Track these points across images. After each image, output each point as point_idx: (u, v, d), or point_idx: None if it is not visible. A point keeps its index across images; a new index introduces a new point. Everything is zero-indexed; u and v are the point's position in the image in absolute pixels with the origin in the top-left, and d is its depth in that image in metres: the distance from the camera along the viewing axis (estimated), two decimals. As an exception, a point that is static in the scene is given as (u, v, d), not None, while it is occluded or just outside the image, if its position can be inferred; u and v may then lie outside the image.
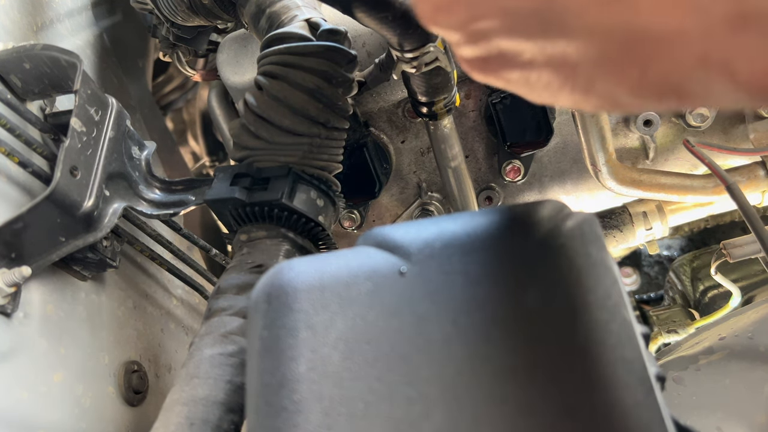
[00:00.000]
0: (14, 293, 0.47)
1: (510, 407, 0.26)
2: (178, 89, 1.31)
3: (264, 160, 0.54)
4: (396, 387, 0.26)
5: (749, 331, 0.54)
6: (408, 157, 0.80)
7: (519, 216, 0.30)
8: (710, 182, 0.73)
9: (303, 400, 0.25)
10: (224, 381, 0.41)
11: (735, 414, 0.48)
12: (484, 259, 0.29)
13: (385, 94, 0.74)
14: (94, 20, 0.80)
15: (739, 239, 0.72)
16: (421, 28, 0.52)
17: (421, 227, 0.30)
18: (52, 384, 0.49)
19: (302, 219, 0.52)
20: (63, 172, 0.47)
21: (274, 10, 0.56)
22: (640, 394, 0.27)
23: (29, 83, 0.53)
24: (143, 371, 0.61)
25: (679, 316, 0.90)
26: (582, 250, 0.30)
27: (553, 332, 0.28)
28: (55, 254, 0.49)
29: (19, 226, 0.45)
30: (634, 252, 1.33)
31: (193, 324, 0.76)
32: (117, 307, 0.61)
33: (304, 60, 0.52)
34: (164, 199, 0.58)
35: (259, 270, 0.48)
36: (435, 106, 0.65)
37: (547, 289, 0.29)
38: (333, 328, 0.27)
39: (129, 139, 0.57)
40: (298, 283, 0.28)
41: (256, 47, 0.72)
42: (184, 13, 0.61)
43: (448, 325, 0.27)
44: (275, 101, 0.53)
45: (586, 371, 0.27)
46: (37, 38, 0.64)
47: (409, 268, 0.28)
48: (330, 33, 0.54)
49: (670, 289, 1.08)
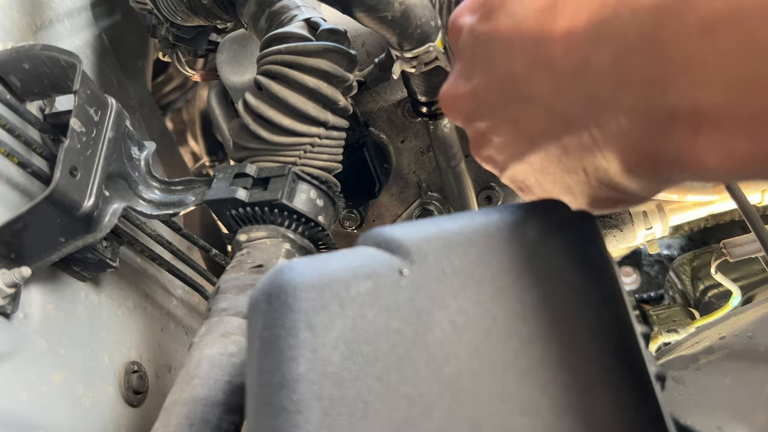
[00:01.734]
0: (14, 294, 0.47)
1: (510, 407, 0.26)
2: (177, 89, 1.31)
3: (263, 160, 0.54)
4: (396, 387, 0.26)
5: (749, 331, 0.54)
6: (408, 156, 0.80)
7: (519, 215, 0.30)
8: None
9: (303, 400, 0.25)
10: (224, 381, 0.41)
11: (735, 413, 0.48)
12: (484, 259, 0.29)
13: (385, 93, 0.74)
14: (93, 20, 0.80)
15: (739, 238, 0.72)
16: (421, 27, 0.52)
17: (421, 227, 0.30)
18: (52, 384, 0.49)
19: (302, 219, 0.52)
20: (62, 172, 0.47)
21: (273, 9, 0.56)
22: (640, 393, 0.27)
23: (28, 83, 0.53)
24: (143, 371, 0.61)
25: (679, 315, 0.90)
26: (582, 249, 0.30)
27: (552, 332, 0.28)
28: (55, 255, 0.49)
29: (18, 227, 0.45)
30: (634, 251, 1.33)
31: (193, 324, 0.76)
32: (117, 308, 0.61)
33: (304, 60, 0.52)
34: (164, 199, 0.58)
35: (258, 270, 0.48)
36: (435, 106, 0.65)
37: (547, 289, 0.29)
38: (333, 328, 0.27)
39: (128, 139, 0.57)
40: (297, 284, 0.28)
41: (255, 47, 0.72)
42: (184, 13, 0.61)
43: (448, 324, 0.27)
44: (275, 101, 0.53)
45: (586, 371, 0.27)
46: (36, 38, 0.63)
47: (409, 268, 0.28)
48: (330, 33, 0.54)
49: (670, 289, 1.08)
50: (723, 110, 0.21)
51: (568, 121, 0.28)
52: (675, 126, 0.23)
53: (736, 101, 0.21)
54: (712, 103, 0.21)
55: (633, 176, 0.27)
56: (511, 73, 0.29)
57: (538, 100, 0.29)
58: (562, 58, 0.26)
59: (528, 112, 0.29)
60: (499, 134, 0.32)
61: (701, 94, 0.22)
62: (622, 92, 0.24)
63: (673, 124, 0.23)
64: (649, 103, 0.23)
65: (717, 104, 0.21)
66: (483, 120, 0.33)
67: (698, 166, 0.23)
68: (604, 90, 0.25)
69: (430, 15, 0.52)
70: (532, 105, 0.29)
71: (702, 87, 0.21)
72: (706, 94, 0.21)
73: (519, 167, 0.33)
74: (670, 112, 0.23)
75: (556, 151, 0.29)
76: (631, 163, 0.26)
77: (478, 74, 0.32)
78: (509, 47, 0.29)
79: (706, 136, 0.22)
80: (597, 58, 0.25)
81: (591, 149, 0.27)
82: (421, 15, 0.51)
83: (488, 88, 0.31)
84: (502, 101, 0.31)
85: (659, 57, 0.22)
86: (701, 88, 0.22)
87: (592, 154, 0.28)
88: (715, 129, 0.22)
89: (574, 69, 0.26)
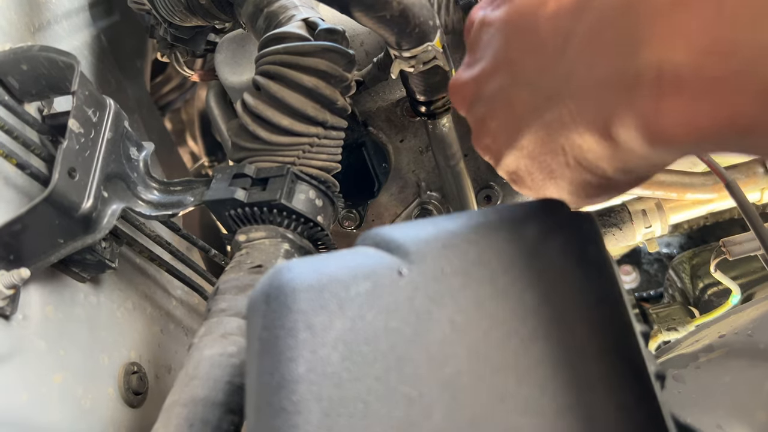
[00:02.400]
0: (13, 295, 0.47)
1: (509, 406, 0.26)
2: (176, 89, 1.31)
3: (262, 161, 0.54)
4: (395, 387, 0.26)
5: (749, 329, 0.54)
6: (407, 156, 0.80)
7: (518, 215, 0.30)
8: (709, 180, 0.73)
9: (302, 401, 0.25)
10: (224, 382, 0.41)
11: (735, 411, 0.48)
12: (483, 258, 0.29)
13: (384, 93, 0.74)
14: (91, 21, 0.80)
15: (738, 237, 0.72)
16: (419, 27, 0.52)
17: (420, 227, 0.30)
18: (52, 386, 0.49)
19: (301, 219, 0.52)
20: (61, 173, 0.47)
21: (271, 9, 0.56)
22: (640, 392, 0.27)
23: (27, 85, 0.53)
24: (143, 372, 0.61)
25: (679, 313, 0.90)
26: (581, 249, 0.30)
27: (552, 331, 0.28)
28: (54, 256, 0.49)
29: (17, 228, 0.45)
30: (634, 250, 1.33)
31: (193, 325, 0.76)
32: (116, 308, 0.61)
33: (302, 60, 0.52)
34: (162, 200, 0.58)
35: (258, 270, 0.48)
36: (433, 105, 0.65)
37: (546, 288, 0.29)
38: (332, 329, 0.27)
39: (127, 140, 0.57)
40: (296, 284, 0.28)
41: (254, 47, 0.72)
42: (182, 13, 0.61)
43: (447, 324, 0.27)
44: (273, 101, 0.52)
45: (585, 370, 0.27)
46: (34, 39, 0.63)
47: (408, 268, 0.28)
48: (328, 32, 0.54)
49: (670, 287, 1.08)
50: (688, 74, 0.22)
51: (550, 98, 0.28)
52: (640, 91, 0.23)
53: (701, 65, 0.21)
54: (677, 67, 0.22)
55: (603, 151, 0.27)
56: (508, 58, 0.31)
57: (527, 81, 0.30)
58: (548, 38, 0.28)
59: (519, 94, 0.31)
60: (495, 118, 0.33)
61: (668, 57, 0.22)
62: (596, 63, 0.25)
63: (638, 89, 0.23)
64: (618, 70, 0.24)
65: (683, 68, 0.22)
66: (483, 106, 0.34)
67: (661, 134, 0.23)
68: (580, 64, 0.26)
69: (428, 14, 0.52)
70: (523, 87, 0.30)
71: (669, 51, 0.22)
72: (673, 57, 0.22)
73: (512, 155, 0.33)
74: (637, 76, 0.23)
75: (540, 131, 0.30)
76: (600, 135, 0.27)
77: (480, 62, 0.34)
78: (508, 33, 0.31)
79: (670, 101, 0.22)
80: (576, 33, 0.26)
81: (567, 125, 0.28)
82: (420, 14, 0.51)
83: (488, 74, 0.33)
84: (499, 86, 0.32)
85: (632, 27, 0.23)
86: (669, 52, 0.22)
87: (569, 129, 0.28)
88: (679, 93, 0.22)
89: (558, 47, 0.27)
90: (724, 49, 0.20)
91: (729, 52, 0.20)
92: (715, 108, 0.21)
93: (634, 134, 0.25)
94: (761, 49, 0.20)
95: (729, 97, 0.21)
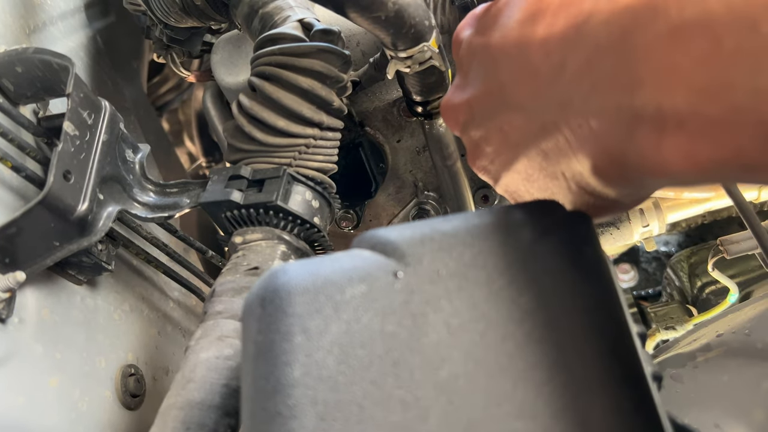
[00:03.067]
0: (9, 298, 0.47)
1: (505, 410, 0.26)
2: (173, 90, 1.31)
3: (258, 162, 0.54)
4: (391, 391, 0.26)
5: (746, 328, 0.54)
6: (404, 156, 0.80)
7: (513, 217, 0.30)
8: (707, 178, 0.73)
9: (298, 405, 0.25)
10: (220, 385, 0.41)
11: (733, 411, 0.48)
12: (479, 260, 0.29)
13: (380, 93, 0.74)
14: (87, 22, 0.80)
15: (736, 235, 0.72)
16: (415, 27, 0.52)
17: (416, 229, 0.30)
18: (49, 389, 0.49)
19: (297, 220, 0.52)
20: (56, 176, 0.47)
21: (266, 10, 0.56)
22: (637, 394, 0.27)
23: (22, 87, 0.53)
24: (140, 375, 0.61)
25: (677, 312, 0.90)
26: (577, 250, 0.30)
27: (548, 334, 0.27)
28: (50, 259, 0.49)
29: (12, 231, 0.45)
30: (632, 248, 1.33)
31: (190, 326, 0.75)
32: (113, 311, 0.61)
33: (298, 60, 0.52)
34: (159, 201, 0.58)
35: (254, 272, 0.48)
36: (430, 105, 0.65)
37: (543, 290, 0.28)
38: (327, 332, 0.27)
39: (122, 142, 0.57)
40: (291, 287, 0.28)
41: (249, 48, 0.72)
42: (177, 14, 0.61)
43: (443, 327, 0.27)
44: (269, 102, 0.52)
45: (582, 372, 0.27)
46: (29, 41, 0.63)
47: (404, 271, 0.28)
48: (323, 33, 0.54)
49: (668, 286, 1.08)
50: (687, 113, 0.21)
51: (545, 126, 0.28)
52: (641, 128, 0.23)
53: (700, 105, 0.21)
54: (677, 106, 0.22)
55: (605, 180, 0.27)
56: (500, 82, 0.30)
57: (520, 107, 0.29)
58: (541, 64, 0.27)
59: (512, 119, 0.30)
60: (490, 143, 0.33)
61: (667, 97, 0.22)
62: (593, 95, 0.25)
63: (639, 126, 0.23)
64: (617, 105, 0.24)
65: (682, 107, 0.21)
66: (476, 130, 0.34)
67: (663, 168, 0.23)
68: (576, 93, 0.26)
69: (423, 14, 0.52)
70: (516, 112, 0.30)
71: (668, 90, 0.22)
72: (672, 97, 0.22)
73: (509, 177, 0.33)
74: (637, 114, 0.23)
75: (537, 157, 0.30)
76: (602, 165, 0.27)
77: (472, 85, 0.33)
78: (498, 57, 0.30)
79: (671, 138, 0.22)
80: (571, 63, 0.25)
81: (566, 153, 0.28)
82: (415, 15, 0.51)
83: (480, 98, 0.33)
84: (491, 111, 0.32)
85: (629, 61, 0.23)
86: (667, 91, 0.22)
87: (567, 157, 0.28)
88: (679, 131, 0.22)
89: (551, 74, 0.27)
90: (722, 90, 0.20)
91: (727, 92, 0.20)
92: (716, 147, 0.21)
93: (638, 169, 0.25)
94: (761, 92, 0.19)
95: (730, 136, 0.21)
